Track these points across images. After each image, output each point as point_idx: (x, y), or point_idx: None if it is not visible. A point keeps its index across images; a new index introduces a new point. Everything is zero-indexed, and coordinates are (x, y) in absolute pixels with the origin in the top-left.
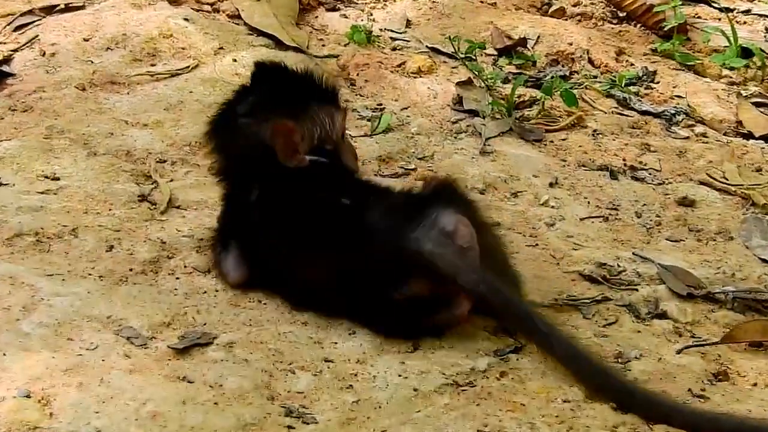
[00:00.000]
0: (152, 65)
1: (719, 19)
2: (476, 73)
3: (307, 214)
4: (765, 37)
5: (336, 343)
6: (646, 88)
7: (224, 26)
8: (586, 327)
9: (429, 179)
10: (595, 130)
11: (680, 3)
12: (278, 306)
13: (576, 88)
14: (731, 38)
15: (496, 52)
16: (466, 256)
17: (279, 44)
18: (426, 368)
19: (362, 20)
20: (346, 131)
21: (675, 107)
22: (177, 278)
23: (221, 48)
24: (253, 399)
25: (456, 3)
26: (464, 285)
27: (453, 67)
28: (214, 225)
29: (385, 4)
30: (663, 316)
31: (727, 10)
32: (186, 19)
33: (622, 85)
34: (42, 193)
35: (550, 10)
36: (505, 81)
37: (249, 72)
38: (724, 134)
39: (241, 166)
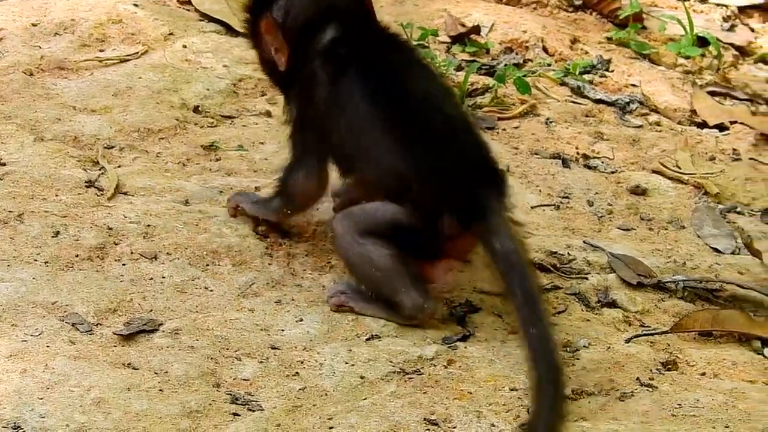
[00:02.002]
0: (101, 51)
1: (676, 8)
2: (429, 60)
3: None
4: (721, 26)
5: (283, 330)
6: (600, 77)
7: (174, 12)
8: None
9: None
10: (548, 118)
11: None
12: (225, 293)
13: (529, 76)
14: (687, 27)
15: (449, 40)
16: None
17: (230, 30)
18: (373, 356)
19: None
20: None
21: (629, 96)
22: (123, 264)
23: (171, 34)
24: (199, 386)
25: None
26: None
27: None
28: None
29: None
30: (613, 304)
31: None
32: (135, 5)
33: (576, 74)
34: None
35: None
36: (458, 68)
37: (199, 58)
38: (678, 123)
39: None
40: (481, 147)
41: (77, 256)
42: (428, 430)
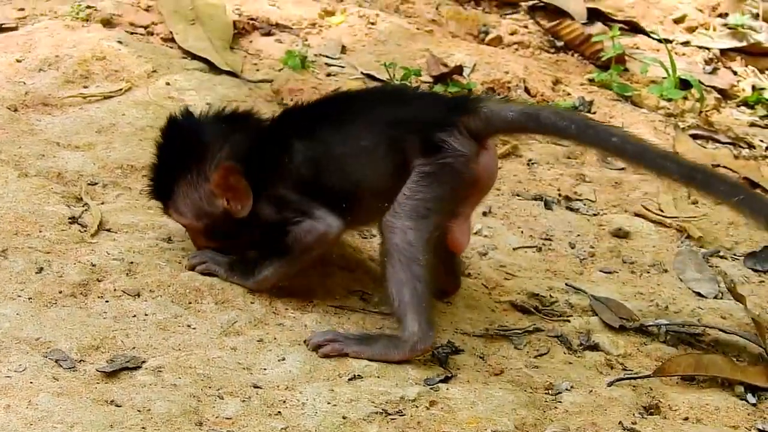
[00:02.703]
0: (85, 87)
1: (658, 50)
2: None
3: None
4: (704, 69)
5: (265, 369)
6: None
7: (158, 49)
8: (518, 357)
9: None
10: (530, 160)
11: (619, 33)
12: (208, 331)
13: None
14: (669, 69)
15: (432, 79)
16: None
17: (213, 68)
18: (355, 396)
19: (297, 45)
20: None
21: None
22: (106, 301)
23: (154, 71)
24: (181, 424)
25: (392, 30)
26: None
27: None
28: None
29: (320, 30)
30: (595, 347)
31: (666, 41)
32: (119, 42)
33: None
34: None
35: (486, 38)
36: None
37: (182, 95)
38: None
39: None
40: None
41: (61, 292)
42: None
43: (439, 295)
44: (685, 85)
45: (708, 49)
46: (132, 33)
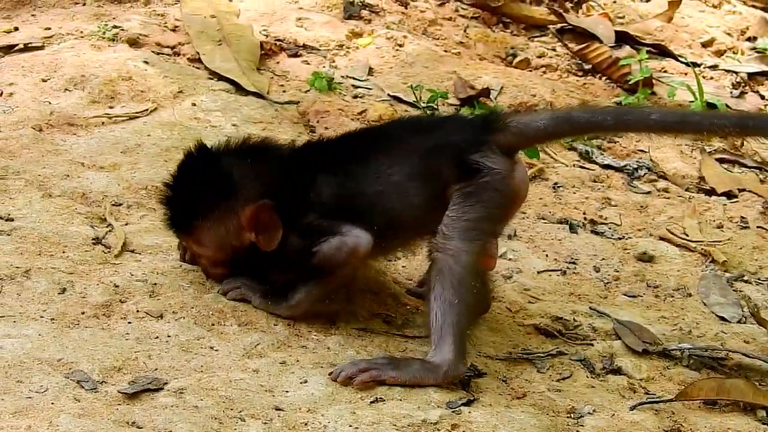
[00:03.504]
0: (110, 107)
1: (685, 74)
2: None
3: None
4: (731, 92)
5: (287, 391)
6: (609, 142)
7: (184, 70)
8: (540, 381)
9: None
10: (555, 183)
11: (646, 57)
12: (230, 353)
13: None
14: (697, 93)
15: (458, 102)
16: None
17: (239, 89)
18: (377, 419)
19: (324, 67)
20: None
21: (637, 161)
22: (129, 322)
23: (180, 92)
24: None
25: (420, 52)
26: None
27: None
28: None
29: (348, 52)
30: (618, 371)
31: (694, 65)
32: (146, 62)
33: (585, 138)
34: None
35: (514, 61)
36: None
37: (208, 116)
38: (687, 190)
39: None
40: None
41: (83, 313)
42: None
43: None
44: (712, 108)
45: (736, 72)
46: (158, 53)
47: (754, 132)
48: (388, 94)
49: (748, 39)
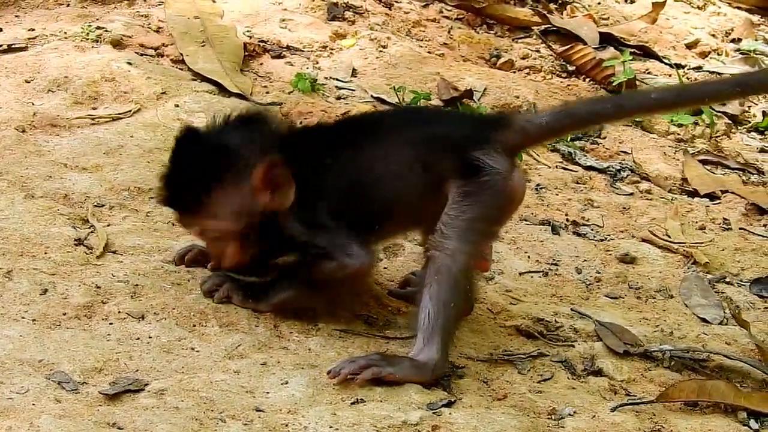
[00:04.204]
0: (93, 108)
1: (670, 75)
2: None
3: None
4: None
5: (268, 392)
6: (592, 144)
7: (168, 71)
8: (521, 382)
9: None
10: (538, 184)
11: (630, 58)
12: (211, 354)
13: None
14: None
15: (442, 103)
16: None
17: (222, 90)
18: (357, 420)
19: (308, 68)
20: None
21: (620, 163)
22: (110, 323)
23: (164, 93)
24: None
25: (403, 53)
26: None
27: None
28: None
29: (331, 53)
30: (599, 373)
31: (678, 66)
32: (129, 63)
33: (568, 140)
34: None
35: (498, 63)
36: None
37: (191, 117)
38: (669, 191)
39: None
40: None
41: (65, 314)
42: None
43: None
44: (695, 110)
45: (720, 74)
46: (142, 54)
47: (757, 89)
48: (372, 96)
49: (733, 40)
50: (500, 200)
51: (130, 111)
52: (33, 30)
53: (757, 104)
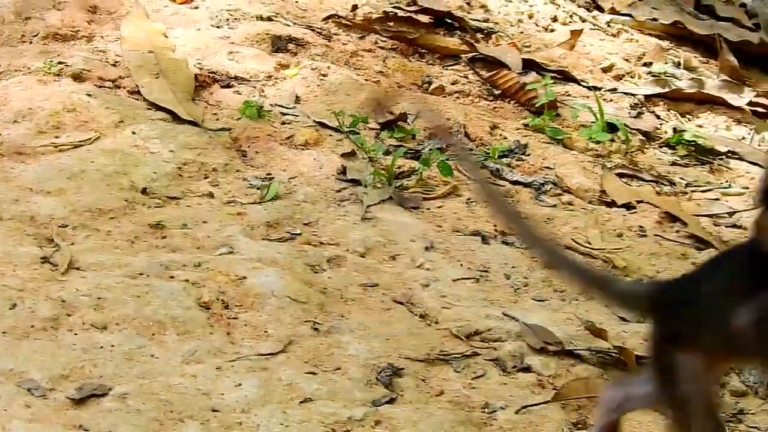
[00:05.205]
0: (56, 137)
1: (588, 97)
2: (359, 145)
3: None
4: (629, 113)
5: (223, 394)
6: (517, 160)
7: (124, 101)
8: (456, 380)
9: None
10: (468, 199)
11: (551, 82)
12: (169, 360)
13: (452, 160)
14: (598, 114)
15: (378, 126)
16: None
17: (176, 118)
18: (306, 417)
19: (254, 96)
20: None
21: (544, 177)
22: (75, 334)
23: (121, 121)
24: None
25: (342, 81)
26: None
27: (338, 140)
28: None
29: (276, 82)
30: (527, 369)
31: (595, 88)
32: (89, 95)
33: (496, 157)
34: None
35: (430, 88)
36: (386, 153)
37: (147, 143)
38: (589, 203)
39: None
40: None
41: (33, 326)
42: None
43: None
44: (612, 128)
45: (633, 95)
46: (100, 87)
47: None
48: (314, 120)
49: (645, 64)
50: None
51: (91, 139)
52: None
53: (668, 122)
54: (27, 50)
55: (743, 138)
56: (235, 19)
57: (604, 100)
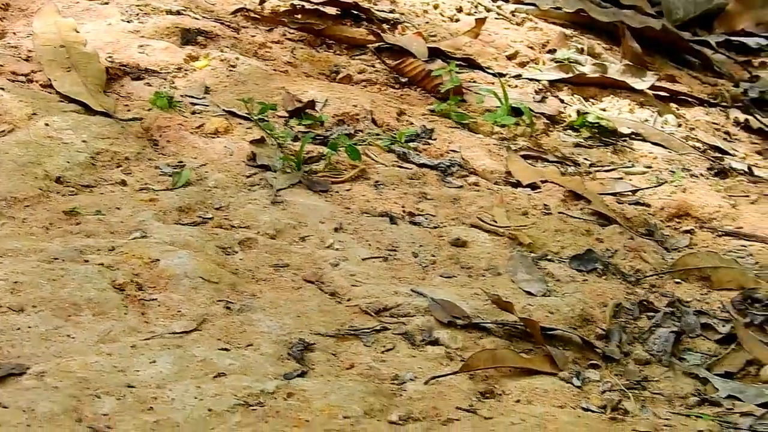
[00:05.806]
0: None
1: (493, 83)
2: (268, 132)
3: None
4: (534, 98)
5: (138, 371)
6: (424, 144)
7: (37, 94)
8: (366, 353)
9: None
10: (377, 181)
11: (456, 69)
12: (85, 339)
13: (360, 145)
14: (503, 99)
15: (287, 114)
16: None
17: (88, 110)
18: (220, 391)
19: (165, 88)
20: None
21: (450, 160)
22: None
23: (35, 114)
24: (63, 421)
25: (251, 71)
26: None
27: (248, 128)
28: None
29: (186, 74)
30: (436, 342)
31: (500, 74)
32: (2, 89)
33: (402, 142)
34: None
35: (338, 77)
36: (295, 139)
37: (60, 134)
38: (495, 183)
39: None
40: None
41: None
42: None
43: None
44: (517, 112)
45: (538, 80)
46: (13, 81)
47: None
48: (223, 110)
49: (549, 51)
50: None
51: (4, 131)
52: None
53: (572, 106)
54: None
55: (646, 120)
56: (145, 13)
57: (509, 86)
